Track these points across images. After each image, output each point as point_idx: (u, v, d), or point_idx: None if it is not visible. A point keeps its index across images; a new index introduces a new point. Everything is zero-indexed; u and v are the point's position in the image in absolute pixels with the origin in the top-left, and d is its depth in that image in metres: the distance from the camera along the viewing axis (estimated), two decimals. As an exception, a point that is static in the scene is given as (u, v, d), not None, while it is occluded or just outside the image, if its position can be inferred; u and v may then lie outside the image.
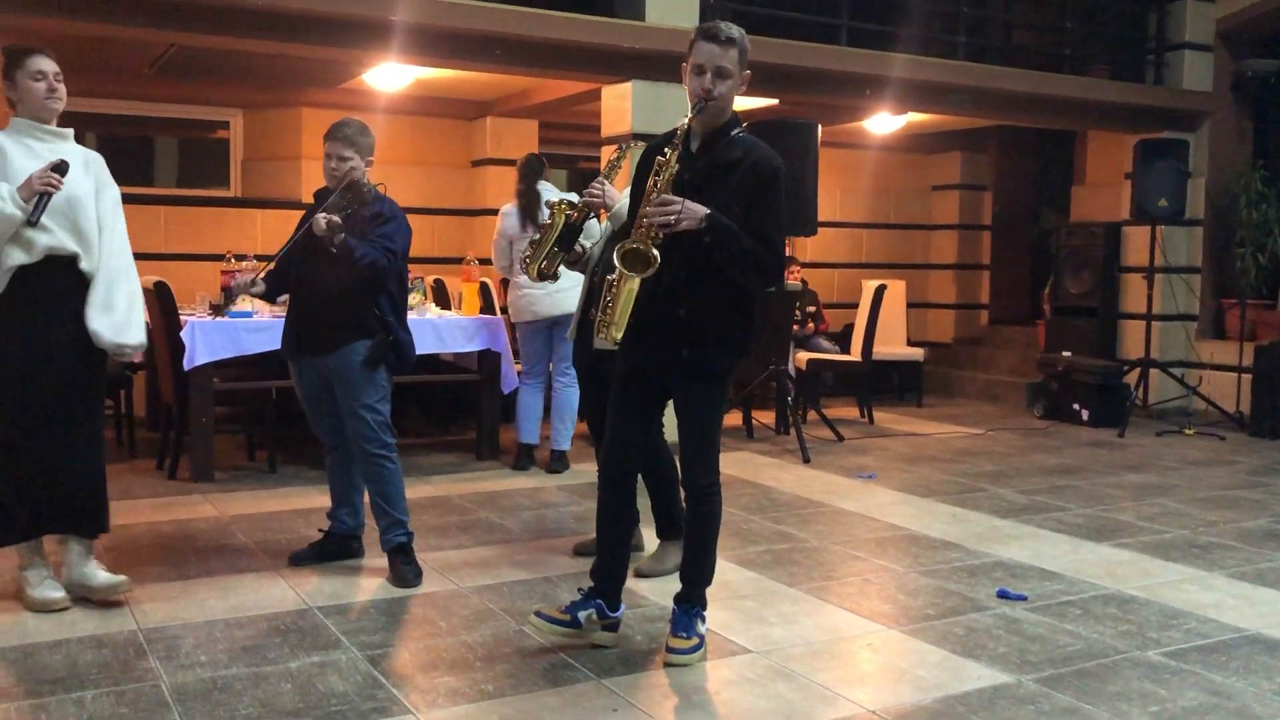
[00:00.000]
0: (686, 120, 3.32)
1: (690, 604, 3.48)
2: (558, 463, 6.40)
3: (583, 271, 4.34)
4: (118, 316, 3.79)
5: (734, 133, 3.37)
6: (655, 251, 3.21)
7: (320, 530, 4.54)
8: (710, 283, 3.32)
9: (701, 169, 3.34)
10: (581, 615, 3.49)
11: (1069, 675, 3.39)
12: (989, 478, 6.51)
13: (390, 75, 7.34)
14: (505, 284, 7.68)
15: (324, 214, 4.00)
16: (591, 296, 4.19)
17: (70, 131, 3.92)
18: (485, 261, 7.34)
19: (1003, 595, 4.17)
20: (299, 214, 4.50)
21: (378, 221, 4.16)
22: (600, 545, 3.59)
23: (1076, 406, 8.72)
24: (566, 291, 5.88)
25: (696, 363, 3.37)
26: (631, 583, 3.97)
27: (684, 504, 3.61)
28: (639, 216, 3.28)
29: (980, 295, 11.18)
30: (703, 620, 3.51)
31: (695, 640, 3.43)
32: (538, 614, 3.51)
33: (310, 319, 4.24)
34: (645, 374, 3.45)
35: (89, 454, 3.89)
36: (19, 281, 3.71)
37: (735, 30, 3.30)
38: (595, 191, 4.07)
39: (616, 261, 3.24)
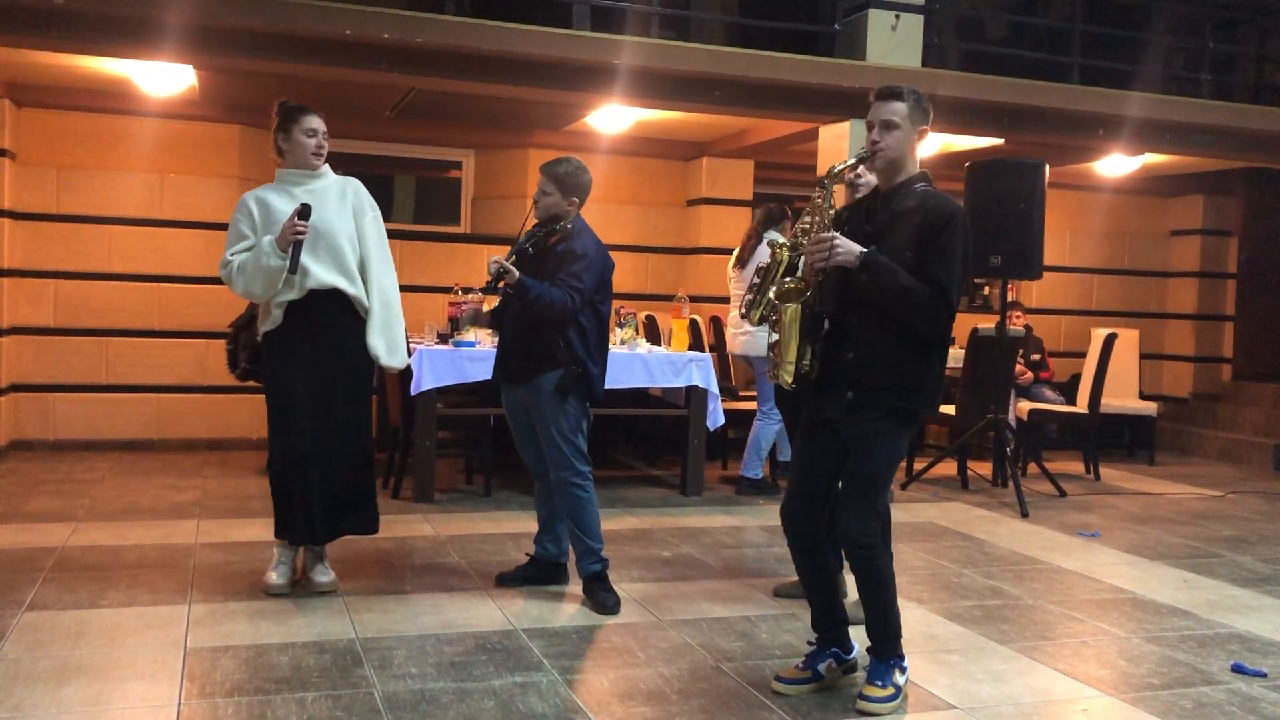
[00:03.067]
0: (841, 166, 3.39)
1: (884, 655, 3.39)
2: (743, 486, 6.76)
3: None
4: (394, 338, 4.27)
5: (915, 186, 3.38)
6: (803, 281, 3.29)
7: (526, 554, 4.68)
8: (881, 327, 3.29)
9: (881, 220, 3.38)
10: (821, 667, 3.49)
11: (1313, 763, 3.10)
12: (1227, 543, 6.04)
13: (612, 117, 7.56)
14: (716, 321, 7.77)
15: (496, 260, 4.15)
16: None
17: (325, 167, 4.28)
18: (696, 299, 7.41)
19: (1238, 670, 3.86)
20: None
21: (567, 259, 4.23)
22: (809, 595, 3.56)
23: (1333, 471, 8.00)
24: (755, 333, 5.93)
25: (862, 408, 3.30)
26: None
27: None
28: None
29: (1222, 348, 10.42)
30: (901, 671, 3.41)
31: (891, 690, 3.34)
32: (778, 679, 3.50)
33: (510, 350, 4.41)
34: (824, 423, 3.40)
35: (361, 460, 4.32)
36: (292, 313, 4.15)
37: (904, 87, 3.39)
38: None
39: (774, 299, 3.33)
